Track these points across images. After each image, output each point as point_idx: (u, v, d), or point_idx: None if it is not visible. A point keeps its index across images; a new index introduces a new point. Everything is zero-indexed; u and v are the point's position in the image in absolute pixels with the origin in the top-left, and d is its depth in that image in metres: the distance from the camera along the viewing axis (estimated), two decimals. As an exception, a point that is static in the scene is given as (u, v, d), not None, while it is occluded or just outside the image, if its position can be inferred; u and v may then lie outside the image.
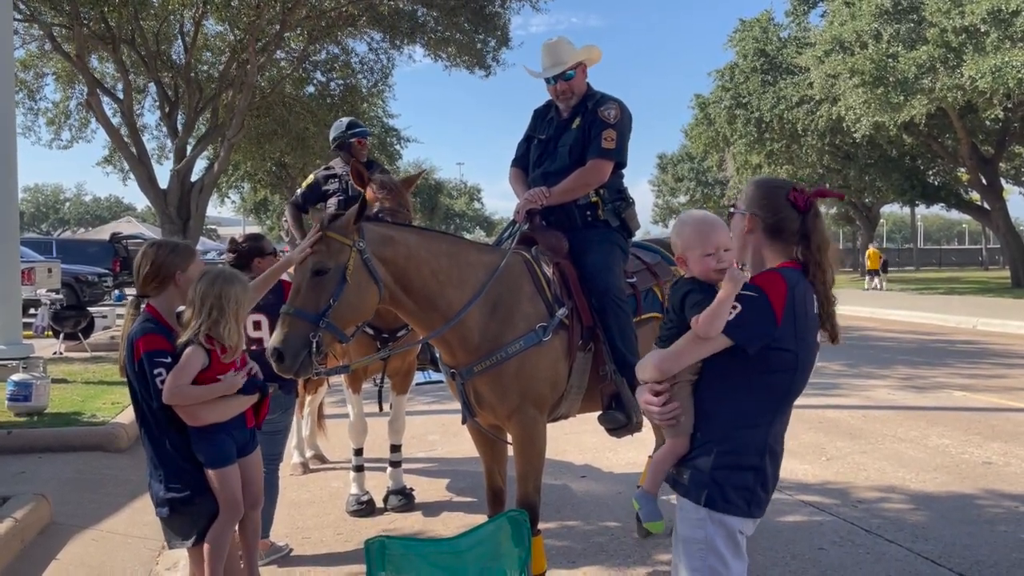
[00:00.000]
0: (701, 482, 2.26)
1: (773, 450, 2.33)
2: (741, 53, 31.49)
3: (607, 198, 4.07)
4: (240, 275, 3.33)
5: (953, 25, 20.22)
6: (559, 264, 3.91)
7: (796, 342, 2.23)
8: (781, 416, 2.35)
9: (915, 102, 21.25)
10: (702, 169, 51.17)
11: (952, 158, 30.28)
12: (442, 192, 62.83)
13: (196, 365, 3.10)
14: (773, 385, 2.27)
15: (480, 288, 3.58)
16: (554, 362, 3.72)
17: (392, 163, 31.35)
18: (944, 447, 6.85)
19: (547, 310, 3.71)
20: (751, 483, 2.26)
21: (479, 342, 3.59)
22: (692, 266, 2.35)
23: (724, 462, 2.25)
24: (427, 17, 17.00)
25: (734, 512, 2.24)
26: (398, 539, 2.42)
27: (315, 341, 3.19)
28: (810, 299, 2.29)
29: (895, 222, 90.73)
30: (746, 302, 2.19)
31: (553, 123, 4.19)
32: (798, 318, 2.22)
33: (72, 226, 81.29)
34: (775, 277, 2.24)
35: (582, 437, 6.97)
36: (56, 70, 19.59)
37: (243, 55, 16.87)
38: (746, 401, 2.27)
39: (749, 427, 2.27)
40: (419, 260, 3.51)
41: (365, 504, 5.37)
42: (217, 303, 3.11)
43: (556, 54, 4.04)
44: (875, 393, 9.44)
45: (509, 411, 3.65)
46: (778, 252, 2.35)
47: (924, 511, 5.18)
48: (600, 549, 4.62)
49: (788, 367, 2.26)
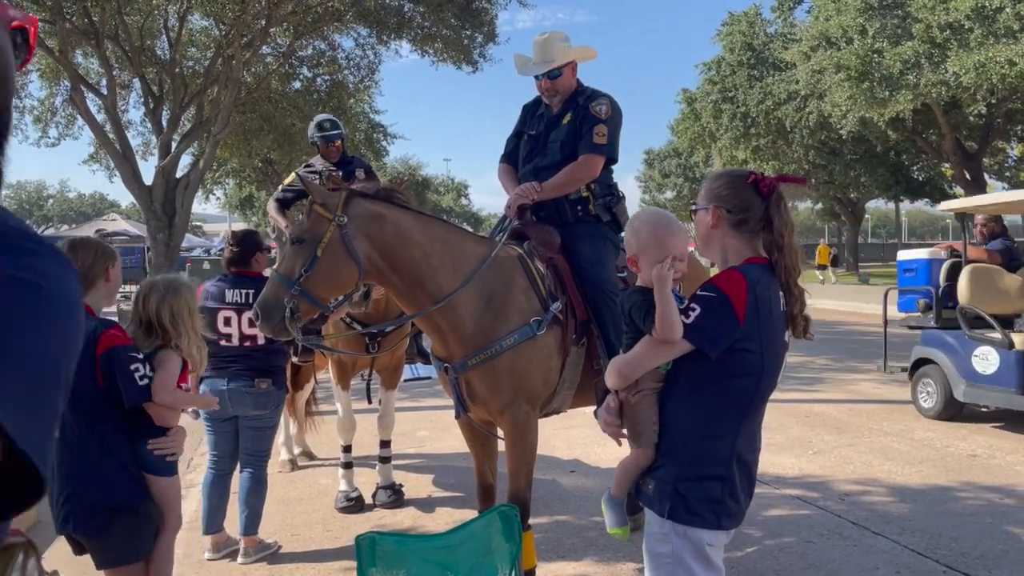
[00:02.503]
0: (664, 493, 2.16)
1: (743, 458, 2.21)
2: (728, 47, 31.56)
3: (598, 193, 4.08)
4: (182, 281, 3.22)
5: (938, 21, 20.32)
6: (552, 259, 3.91)
7: (761, 343, 2.13)
8: (750, 421, 2.23)
9: (900, 97, 21.34)
10: (689, 165, 51.24)
11: (936, 153, 30.43)
12: (429, 188, 62.64)
13: (177, 368, 3.02)
14: (738, 389, 2.16)
15: (472, 275, 3.58)
16: (548, 357, 3.72)
17: (379, 160, 31.21)
18: (929, 440, 6.91)
19: (541, 305, 3.71)
20: (718, 494, 2.15)
21: (473, 333, 3.59)
22: (643, 269, 2.24)
23: (687, 473, 2.16)
24: (414, 12, 16.91)
25: (699, 524, 2.14)
26: (389, 535, 2.42)
27: (290, 306, 3.34)
28: (775, 296, 2.19)
29: (880, 217, 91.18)
30: (705, 303, 2.10)
31: (543, 119, 4.18)
32: (762, 317, 2.12)
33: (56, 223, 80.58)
34: (734, 275, 2.14)
35: (571, 432, 6.99)
36: (41, 67, 19.35)
37: (228, 51, 16.75)
38: (709, 408, 2.17)
39: (713, 436, 2.17)
40: (410, 241, 3.51)
41: (354, 501, 5.37)
42: (172, 320, 3.04)
43: (545, 51, 4.03)
44: (860, 387, 9.50)
45: (501, 406, 3.64)
46: (744, 244, 2.26)
47: (910, 504, 5.23)
48: (590, 544, 4.63)
49: (753, 370, 2.15)
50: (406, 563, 2.33)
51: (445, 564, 2.38)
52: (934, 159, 32.03)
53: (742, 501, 2.23)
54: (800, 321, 2.27)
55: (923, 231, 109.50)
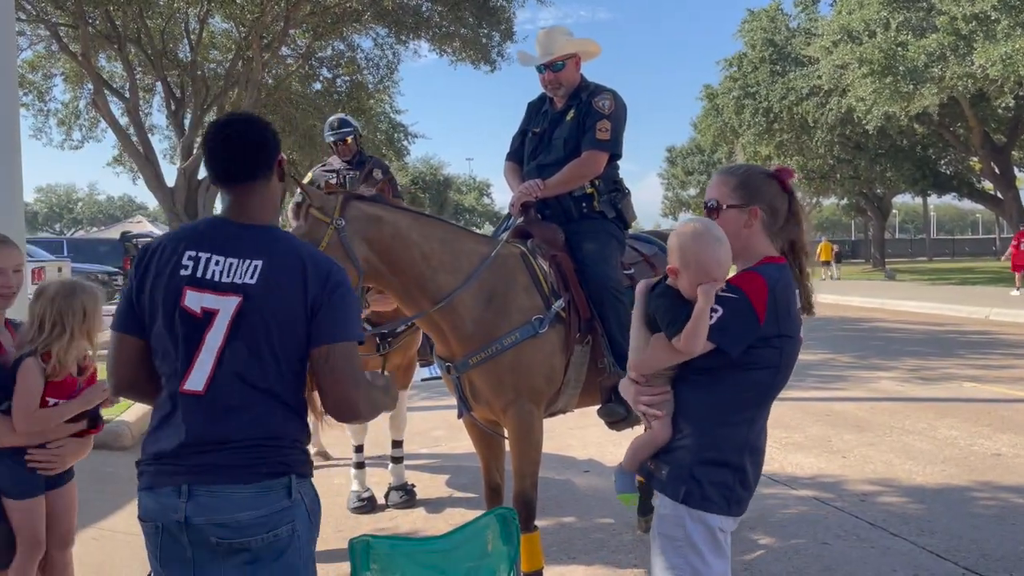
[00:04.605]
0: (679, 478, 2.20)
1: (754, 447, 2.27)
2: (750, 43, 31.30)
3: (602, 189, 4.03)
4: (86, 285, 2.96)
5: (963, 12, 20.00)
6: (555, 256, 3.87)
7: (779, 340, 2.19)
8: (762, 413, 2.29)
9: (925, 91, 21.05)
10: (712, 162, 50.92)
11: (964, 147, 30.02)
12: (451, 188, 62.80)
13: (36, 383, 2.77)
14: (755, 381, 2.21)
15: (472, 274, 3.55)
16: (550, 355, 3.68)
17: (400, 159, 31.32)
18: (953, 439, 6.77)
19: (543, 302, 3.68)
20: (731, 481, 2.21)
21: (473, 332, 3.56)
22: (683, 285, 2.20)
23: (704, 458, 2.20)
24: (432, 11, 16.96)
25: (713, 510, 2.18)
26: (384, 538, 2.39)
27: None
28: (792, 294, 2.23)
29: (907, 212, 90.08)
30: (727, 304, 2.13)
31: (547, 115, 4.15)
32: (780, 316, 2.17)
33: (85, 226, 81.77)
34: (754, 276, 2.18)
35: (586, 431, 6.93)
36: (65, 71, 19.65)
37: (248, 52, 16.86)
38: (727, 397, 2.21)
39: (730, 424, 2.21)
40: (408, 242, 3.49)
41: (366, 501, 5.36)
42: (59, 319, 2.80)
43: (548, 44, 4.00)
44: (883, 385, 9.35)
45: (504, 405, 3.61)
46: (765, 242, 2.28)
47: (930, 504, 5.12)
48: (600, 545, 4.58)
49: (771, 364, 2.21)
50: (401, 566, 2.29)
51: (440, 568, 2.34)
52: (962, 153, 31.59)
53: (751, 488, 2.28)
54: (809, 296, 2.35)
55: (952, 226, 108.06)
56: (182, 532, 1.92)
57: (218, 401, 1.95)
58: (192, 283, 1.98)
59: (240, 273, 1.99)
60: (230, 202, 2.12)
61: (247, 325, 1.97)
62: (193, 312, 1.97)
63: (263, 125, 2.17)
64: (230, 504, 1.91)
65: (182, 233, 2.12)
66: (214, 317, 1.97)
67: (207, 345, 1.96)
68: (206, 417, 1.95)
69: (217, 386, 1.95)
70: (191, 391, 1.95)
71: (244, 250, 2.02)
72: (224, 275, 1.99)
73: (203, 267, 1.99)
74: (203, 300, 1.97)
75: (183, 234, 2.11)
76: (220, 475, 1.93)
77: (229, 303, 1.97)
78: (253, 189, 2.10)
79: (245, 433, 1.95)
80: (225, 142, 2.10)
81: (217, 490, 1.92)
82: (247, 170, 2.09)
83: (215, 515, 1.91)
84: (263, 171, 2.11)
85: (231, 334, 1.96)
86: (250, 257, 2.01)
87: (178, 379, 1.97)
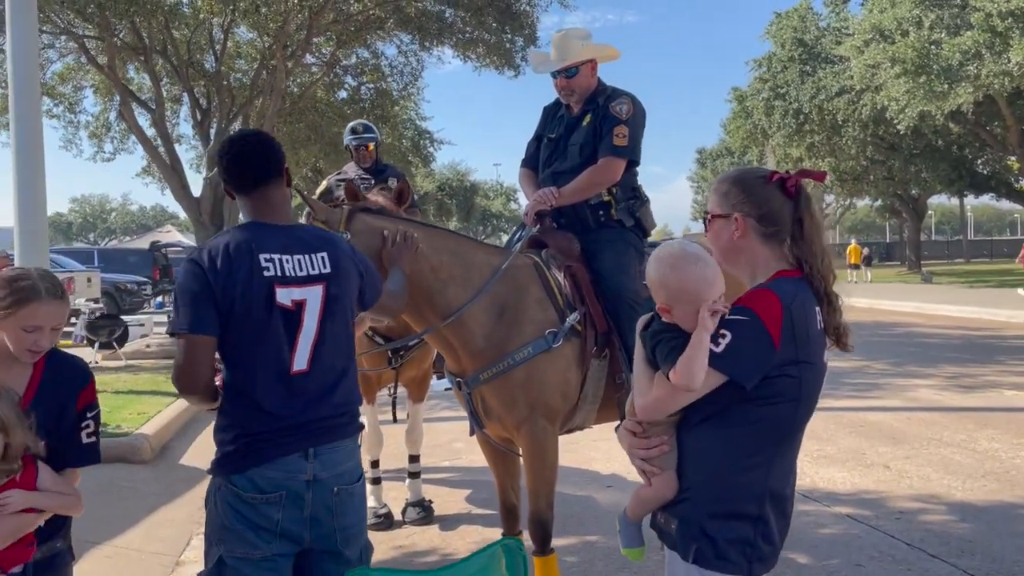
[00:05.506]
0: (690, 535, 1.93)
1: (777, 494, 1.97)
2: (779, 43, 30.94)
3: (620, 196, 3.87)
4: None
5: (998, 9, 19.55)
6: (571, 267, 3.73)
7: (797, 367, 1.90)
8: (785, 453, 1.99)
9: (960, 90, 20.60)
10: (742, 164, 50.50)
11: (1001, 146, 29.34)
12: (478, 193, 62.82)
13: None
14: (773, 417, 1.92)
15: (482, 287, 3.42)
16: (565, 370, 3.53)
17: (426, 166, 31.32)
18: (994, 451, 6.49)
19: (558, 315, 3.53)
20: (750, 535, 1.92)
21: (483, 347, 3.44)
22: (679, 318, 1.94)
23: (716, 510, 1.92)
24: (455, 17, 16.91)
25: (729, 570, 1.90)
26: (382, 571, 2.26)
27: None
28: (811, 314, 1.94)
29: (944, 213, 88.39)
30: (736, 328, 1.86)
31: (563, 121, 4.00)
32: (798, 338, 1.88)
33: (119, 235, 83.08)
34: (766, 294, 1.90)
35: (611, 444, 6.71)
36: (94, 82, 19.85)
37: (272, 61, 16.92)
38: (741, 438, 1.92)
39: (746, 469, 1.93)
40: (416, 254, 3.36)
41: (383, 518, 5.23)
42: None
43: (562, 48, 3.85)
44: (920, 393, 9.05)
45: (518, 422, 3.47)
46: (775, 253, 2.01)
47: (971, 523, 4.88)
48: (623, 566, 4.40)
49: (790, 396, 1.91)
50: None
51: (442, 602, 2.21)
52: (999, 152, 30.91)
53: (776, 542, 1.99)
54: (842, 332, 2.02)
55: (990, 227, 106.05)
56: (308, 491, 2.27)
57: (322, 375, 2.34)
58: (279, 281, 2.29)
59: (314, 264, 2.36)
60: (254, 205, 2.41)
61: (332, 307, 2.37)
62: (286, 306, 2.29)
63: (266, 136, 2.56)
64: (343, 456, 2.35)
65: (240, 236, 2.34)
66: (304, 306, 2.32)
67: (304, 330, 2.32)
68: (316, 389, 2.33)
69: (318, 362, 2.34)
70: (299, 371, 2.30)
71: (305, 245, 2.38)
72: (300, 269, 2.33)
73: (280, 266, 2.30)
74: (291, 294, 2.30)
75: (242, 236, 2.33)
76: (336, 433, 2.35)
77: (315, 292, 2.34)
78: (270, 189, 2.41)
79: (344, 397, 2.39)
80: (239, 154, 2.41)
81: (335, 446, 2.34)
82: (262, 172, 2.40)
83: (336, 467, 2.33)
84: (275, 173, 2.42)
85: (323, 318, 2.34)
86: (315, 251, 2.38)
87: (284, 363, 2.29)
